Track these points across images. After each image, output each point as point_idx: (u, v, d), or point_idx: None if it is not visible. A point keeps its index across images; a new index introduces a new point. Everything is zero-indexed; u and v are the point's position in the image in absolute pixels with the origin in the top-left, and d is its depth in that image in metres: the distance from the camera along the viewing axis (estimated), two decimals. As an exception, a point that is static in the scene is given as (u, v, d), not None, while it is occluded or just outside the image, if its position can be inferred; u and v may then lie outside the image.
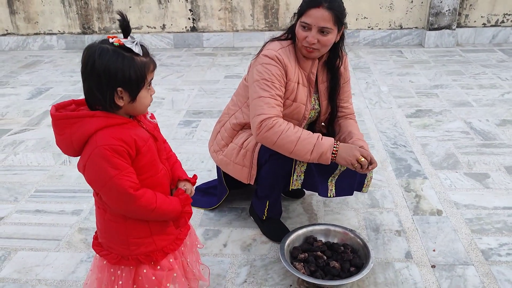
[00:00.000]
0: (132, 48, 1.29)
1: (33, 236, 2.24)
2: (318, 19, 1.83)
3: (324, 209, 2.37)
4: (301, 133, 1.83)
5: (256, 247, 2.11)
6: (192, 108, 3.86)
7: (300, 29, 1.88)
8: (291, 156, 1.86)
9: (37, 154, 3.10)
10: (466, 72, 4.57)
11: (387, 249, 2.06)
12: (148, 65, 1.33)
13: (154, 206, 1.37)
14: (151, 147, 1.41)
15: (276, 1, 5.68)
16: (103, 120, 1.32)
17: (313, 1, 1.84)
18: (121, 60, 1.28)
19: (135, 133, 1.36)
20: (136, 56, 1.30)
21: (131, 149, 1.33)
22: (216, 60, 5.37)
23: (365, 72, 4.72)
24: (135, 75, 1.29)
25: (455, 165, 2.76)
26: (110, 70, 1.27)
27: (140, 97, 1.34)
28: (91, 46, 1.30)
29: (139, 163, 1.37)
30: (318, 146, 1.81)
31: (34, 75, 5.00)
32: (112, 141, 1.30)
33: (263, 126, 1.83)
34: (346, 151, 1.82)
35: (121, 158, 1.31)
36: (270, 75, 1.88)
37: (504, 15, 5.53)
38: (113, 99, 1.30)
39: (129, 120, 1.38)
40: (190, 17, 5.88)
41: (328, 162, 1.84)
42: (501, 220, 2.24)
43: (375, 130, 3.30)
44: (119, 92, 1.30)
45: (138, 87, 1.32)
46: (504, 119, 3.40)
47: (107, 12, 5.92)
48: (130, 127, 1.36)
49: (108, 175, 1.29)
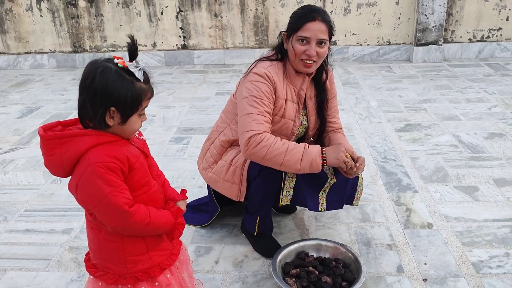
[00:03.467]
0: (135, 73, 1.31)
1: (22, 256, 2.22)
2: (317, 32, 1.88)
3: (315, 224, 2.38)
4: (289, 144, 1.85)
5: (248, 263, 2.11)
6: (183, 125, 3.87)
7: (297, 44, 1.91)
8: (282, 169, 1.87)
9: (27, 173, 3.09)
10: (454, 86, 4.65)
11: (379, 263, 2.07)
12: (146, 92, 1.35)
13: (149, 220, 1.37)
14: (143, 164, 1.41)
15: (265, 18, 5.76)
16: (94, 138, 1.32)
17: (309, 15, 1.88)
18: (121, 82, 1.29)
19: (127, 150, 1.36)
20: (137, 81, 1.32)
21: (124, 165, 1.34)
22: (207, 77, 5.40)
23: (355, 87, 4.77)
24: (130, 99, 1.30)
25: (445, 178, 2.79)
26: (108, 89, 1.28)
27: (130, 121, 1.35)
28: (95, 62, 1.32)
29: (133, 179, 1.38)
30: (307, 154, 1.83)
31: (25, 94, 5.00)
32: (105, 158, 1.30)
33: (251, 142, 1.84)
34: (333, 151, 1.87)
35: (114, 175, 1.31)
36: (259, 92, 1.90)
37: (489, 30, 5.64)
38: (104, 117, 1.30)
39: (118, 138, 1.38)
40: (181, 35, 5.93)
41: (320, 169, 1.85)
42: (491, 232, 2.26)
43: (365, 144, 3.33)
44: (111, 112, 1.30)
45: (131, 111, 1.33)
46: (492, 132, 3.45)
47: (98, 31, 5.95)
48: (121, 144, 1.37)
49: (102, 192, 1.29)
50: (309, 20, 1.88)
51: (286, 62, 2.01)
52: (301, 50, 1.90)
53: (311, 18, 1.88)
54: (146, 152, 1.47)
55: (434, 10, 5.42)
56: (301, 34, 1.89)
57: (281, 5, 5.66)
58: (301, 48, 1.90)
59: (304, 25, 1.88)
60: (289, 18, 1.98)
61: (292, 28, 1.93)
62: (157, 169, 1.58)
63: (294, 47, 1.92)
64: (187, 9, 5.79)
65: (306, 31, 1.88)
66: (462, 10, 5.57)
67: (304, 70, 1.97)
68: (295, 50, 1.92)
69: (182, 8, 5.79)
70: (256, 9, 5.72)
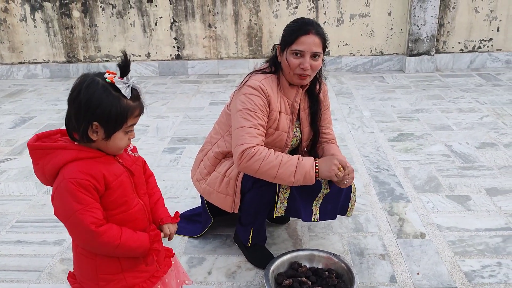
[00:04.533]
0: (121, 90, 1.28)
1: (13, 267, 2.20)
2: (311, 45, 1.89)
3: (308, 234, 2.38)
4: (282, 157, 1.85)
5: (241, 274, 2.10)
6: (176, 135, 3.87)
7: (291, 57, 1.91)
8: (275, 181, 1.87)
9: (19, 184, 3.07)
10: (446, 96, 4.69)
11: (372, 273, 2.07)
12: (133, 110, 1.32)
13: (118, 242, 1.33)
14: (123, 182, 1.38)
15: (259, 29, 5.79)
16: (74, 153, 1.31)
17: (303, 28, 1.89)
18: (106, 97, 1.27)
19: (106, 167, 1.34)
20: (124, 97, 1.29)
21: (99, 184, 1.31)
22: (201, 88, 5.42)
23: (348, 97, 4.80)
24: (115, 115, 1.28)
25: (437, 188, 2.80)
26: (91, 103, 1.26)
27: (115, 138, 1.33)
28: (86, 74, 1.32)
29: (109, 198, 1.35)
30: (301, 167, 1.83)
31: (18, 104, 4.98)
32: (78, 175, 1.28)
33: (244, 156, 1.84)
34: (326, 164, 1.87)
35: (86, 193, 1.29)
36: (252, 105, 1.91)
37: (481, 41, 5.71)
38: (86, 131, 1.29)
39: (102, 154, 1.36)
40: (175, 45, 5.96)
41: (313, 181, 1.85)
42: (483, 242, 2.27)
43: (358, 154, 3.35)
44: (94, 126, 1.29)
45: (115, 127, 1.31)
46: (484, 142, 3.48)
47: (92, 41, 5.96)
48: (102, 161, 1.34)
49: (71, 209, 1.28)
50: (303, 34, 1.88)
51: (280, 75, 2.02)
52: (296, 64, 1.91)
53: (305, 31, 1.88)
54: (133, 170, 1.44)
55: (426, 21, 5.48)
56: (295, 47, 1.90)
57: (275, 16, 5.70)
58: (296, 61, 1.91)
59: (298, 39, 1.89)
60: (283, 31, 1.99)
61: (286, 41, 1.94)
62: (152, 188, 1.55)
63: (288, 61, 1.92)
64: (181, 20, 5.82)
65: (300, 44, 1.89)
66: (453, 21, 5.63)
67: (299, 83, 1.99)
68: (289, 63, 1.92)
69: (176, 18, 5.82)
70: (249, 19, 5.76)
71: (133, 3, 5.77)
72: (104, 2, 5.78)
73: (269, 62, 2.05)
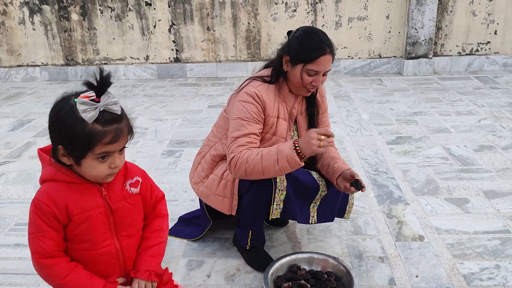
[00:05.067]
0: (80, 112, 1.13)
1: (12, 270, 2.20)
2: (326, 65, 1.91)
3: (307, 237, 2.38)
4: (262, 151, 1.84)
5: (240, 277, 2.10)
6: (175, 138, 3.87)
7: (305, 75, 1.92)
8: (266, 177, 1.87)
9: (17, 187, 3.06)
10: (444, 99, 4.70)
11: (371, 276, 2.07)
12: (100, 136, 1.16)
13: (60, 282, 1.24)
14: (91, 218, 1.25)
15: (258, 32, 5.81)
16: (53, 172, 1.24)
17: (320, 49, 1.88)
18: (69, 119, 1.14)
19: (77, 197, 1.23)
20: (92, 122, 1.14)
21: (60, 213, 1.21)
22: (200, 90, 5.42)
23: (346, 100, 4.81)
24: (78, 140, 1.15)
25: (436, 191, 2.81)
26: (54, 125, 1.18)
27: (85, 165, 1.20)
28: (65, 93, 1.22)
29: (72, 230, 1.25)
30: (281, 154, 1.80)
31: (16, 107, 4.98)
32: (43, 197, 1.21)
33: (232, 164, 1.88)
34: (304, 140, 1.77)
35: (43, 218, 1.21)
36: (245, 113, 1.92)
37: (478, 44, 5.73)
38: (55, 153, 1.21)
39: (81, 180, 1.24)
40: (173, 48, 5.96)
41: (299, 163, 1.78)
42: (481, 244, 2.27)
43: (356, 157, 3.35)
44: (59, 149, 1.19)
45: (80, 153, 1.18)
46: (482, 144, 3.49)
47: (90, 44, 5.97)
48: (76, 189, 1.24)
49: (29, 229, 1.23)
50: (321, 55, 1.88)
51: (280, 82, 2.02)
52: (309, 81, 1.93)
53: (322, 52, 1.88)
54: (116, 207, 1.29)
55: (423, 24, 5.50)
56: (312, 68, 1.90)
57: (273, 19, 5.71)
58: (309, 79, 1.93)
59: (317, 60, 1.88)
60: (294, 44, 1.92)
61: (300, 57, 1.91)
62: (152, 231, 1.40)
63: (302, 78, 1.92)
64: (180, 23, 5.83)
65: (318, 65, 1.89)
66: (451, 24, 5.65)
67: (306, 95, 2.03)
68: (303, 80, 1.93)
69: (174, 21, 5.83)
70: (248, 22, 5.77)
71: (131, 6, 5.78)
72: (103, 5, 5.79)
73: (272, 72, 2.02)
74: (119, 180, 1.31)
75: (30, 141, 3.91)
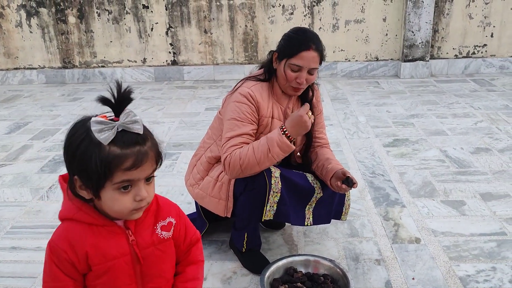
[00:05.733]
0: (94, 133, 0.97)
1: (8, 274, 2.19)
2: (310, 61, 1.90)
3: (304, 240, 2.38)
4: (253, 144, 1.87)
5: (237, 279, 2.10)
6: (172, 141, 3.87)
7: (289, 70, 1.92)
8: (261, 168, 1.88)
9: (14, 190, 3.06)
10: (441, 101, 4.71)
11: (367, 279, 2.07)
12: (120, 160, 0.99)
13: None
14: (115, 269, 1.08)
15: (255, 35, 5.81)
16: (72, 211, 1.06)
17: (304, 44, 1.89)
18: (85, 144, 0.98)
19: (100, 243, 1.06)
20: (109, 144, 0.98)
21: (79, 261, 1.06)
22: (197, 93, 5.42)
23: (343, 103, 4.82)
24: (94, 168, 0.98)
25: (432, 193, 2.81)
26: (68, 151, 1.02)
27: (105, 198, 1.02)
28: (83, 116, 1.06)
29: (91, 281, 1.09)
30: (270, 141, 1.83)
31: (13, 110, 4.97)
32: (60, 241, 1.06)
33: (225, 164, 1.89)
34: (290, 120, 1.83)
35: (59, 265, 1.06)
36: (239, 113, 1.93)
37: (475, 46, 5.75)
38: (73, 186, 1.04)
39: (104, 221, 1.07)
40: (170, 51, 5.97)
41: (291, 146, 1.83)
42: (477, 246, 2.28)
43: (353, 159, 3.36)
44: (76, 181, 1.03)
45: (98, 183, 1.00)
46: (478, 147, 3.49)
47: (87, 46, 5.97)
48: (100, 232, 1.06)
49: (43, 278, 1.10)
50: (304, 49, 1.89)
51: (273, 81, 2.03)
52: (292, 77, 1.93)
53: (306, 47, 1.89)
54: (143, 255, 1.11)
55: (420, 27, 5.52)
56: (295, 62, 1.90)
57: (270, 22, 5.73)
58: (293, 75, 1.93)
59: (299, 54, 1.89)
60: (282, 40, 1.97)
61: (285, 52, 1.93)
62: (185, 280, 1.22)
63: (286, 73, 1.93)
64: (177, 26, 5.84)
65: (300, 60, 1.90)
66: (447, 27, 5.67)
67: (292, 94, 2.02)
68: (286, 75, 1.94)
69: (172, 24, 5.83)
70: (245, 25, 5.78)
71: (129, 9, 5.78)
72: (100, 8, 5.79)
73: (263, 68, 2.06)
74: (149, 221, 1.12)
75: (27, 144, 3.90)
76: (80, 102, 5.18)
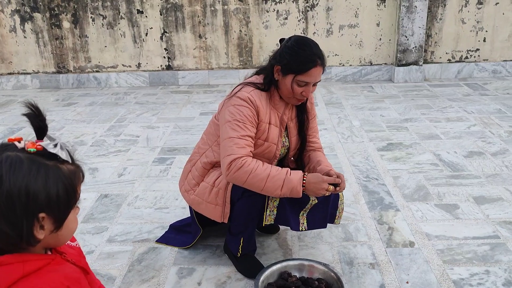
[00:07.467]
0: (57, 154, 0.94)
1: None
2: (316, 77, 1.93)
3: (298, 244, 2.38)
4: (270, 170, 1.86)
5: (231, 284, 2.09)
6: (167, 145, 3.87)
7: (296, 85, 1.93)
8: (263, 193, 1.89)
9: (7, 195, 3.04)
10: (434, 106, 4.74)
11: (361, 283, 2.07)
12: (77, 175, 0.97)
13: None
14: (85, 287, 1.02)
15: (249, 40, 5.83)
16: (18, 269, 0.89)
17: (312, 61, 1.89)
18: (44, 174, 0.90)
19: (65, 274, 0.95)
20: (62, 163, 0.94)
21: None
22: (192, 98, 5.43)
23: (337, 107, 4.84)
24: (64, 192, 0.92)
25: (426, 197, 2.82)
26: (29, 191, 0.89)
27: (67, 223, 0.96)
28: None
29: None
30: (288, 182, 1.84)
31: (7, 115, 4.95)
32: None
33: (232, 167, 1.85)
34: (314, 183, 1.87)
35: None
36: (241, 115, 1.92)
37: (467, 51, 5.79)
38: (31, 231, 0.90)
39: (50, 257, 0.97)
40: (165, 55, 5.97)
41: (300, 195, 1.88)
42: (471, 250, 2.29)
43: (347, 163, 3.37)
44: (40, 220, 0.91)
45: (68, 208, 0.95)
46: (471, 150, 3.51)
47: (82, 51, 5.96)
48: (54, 268, 0.95)
49: None
50: (313, 66, 1.90)
51: (272, 90, 2.03)
52: (299, 91, 1.95)
53: (314, 64, 1.90)
54: (85, 266, 1.09)
55: (413, 31, 5.56)
56: (303, 79, 1.91)
57: (265, 27, 5.74)
58: (299, 89, 1.94)
59: (308, 71, 1.90)
60: (287, 54, 1.92)
61: (292, 68, 1.91)
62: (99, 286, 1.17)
63: (292, 88, 1.94)
64: (172, 30, 5.85)
65: (308, 77, 1.91)
66: (440, 32, 5.72)
67: (295, 104, 2.06)
68: (293, 90, 1.94)
69: (166, 29, 5.84)
70: (240, 30, 5.79)
71: (123, 14, 5.79)
72: (95, 13, 5.79)
73: (264, 80, 2.02)
74: None
75: (21, 149, 3.88)
76: (74, 107, 5.17)
